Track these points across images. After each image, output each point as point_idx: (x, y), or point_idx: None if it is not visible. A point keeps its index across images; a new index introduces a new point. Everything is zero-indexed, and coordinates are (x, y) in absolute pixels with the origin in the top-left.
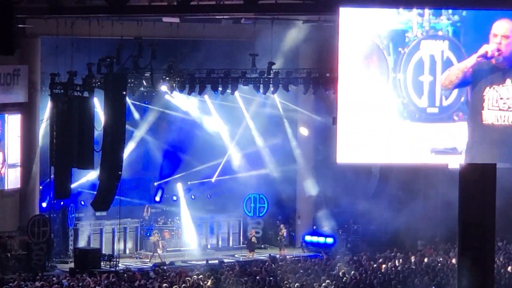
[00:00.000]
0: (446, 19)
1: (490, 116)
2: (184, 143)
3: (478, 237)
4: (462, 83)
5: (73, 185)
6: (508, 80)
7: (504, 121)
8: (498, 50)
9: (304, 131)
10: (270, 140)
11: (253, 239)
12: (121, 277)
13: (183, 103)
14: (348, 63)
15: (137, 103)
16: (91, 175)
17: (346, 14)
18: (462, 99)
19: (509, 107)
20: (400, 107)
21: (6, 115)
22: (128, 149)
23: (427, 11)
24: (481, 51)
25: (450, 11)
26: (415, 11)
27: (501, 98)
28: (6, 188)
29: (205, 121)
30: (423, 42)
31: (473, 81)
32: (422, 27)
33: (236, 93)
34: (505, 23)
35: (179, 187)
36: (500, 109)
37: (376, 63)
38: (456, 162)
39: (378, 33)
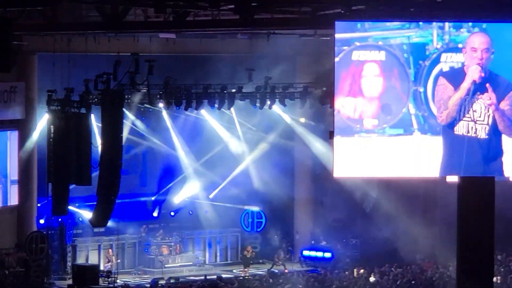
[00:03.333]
0: (466, 32)
1: (461, 127)
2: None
3: (477, 250)
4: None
5: (70, 202)
6: (478, 93)
7: (474, 132)
8: (480, 67)
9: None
10: (268, 155)
11: (248, 255)
12: None
13: (181, 119)
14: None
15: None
16: (89, 192)
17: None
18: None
19: (477, 120)
20: (420, 120)
21: (8, 132)
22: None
23: (447, 24)
24: (469, 80)
25: (470, 23)
26: (435, 24)
27: (474, 111)
28: (8, 204)
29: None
30: (444, 55)
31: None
32: (443, 40)
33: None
34: (481, 37)
35: (177, 201)
36: (471, 120)
37: (396, 76)
38: None
39: (399, 46)
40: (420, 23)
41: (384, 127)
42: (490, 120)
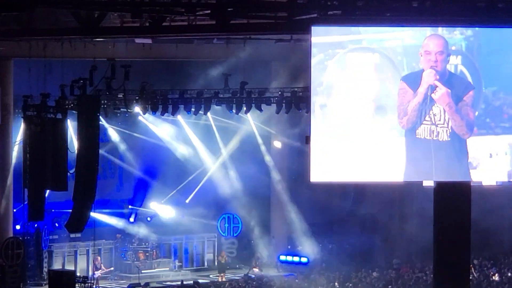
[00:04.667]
0: (459, 34)
1: (423, 131)
2: (157, 163)
3: (454, 254)
4: (418, 115)
5: (47, 207)
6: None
7: (435, 136)
8: (435, 71)
9: (278, 144)
10: (244, 160)
11: (223, 261)
12: None
13: (156, 126)
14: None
15: (112, 126)
16: (65, 197)
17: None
18: (476, 113)
19: (437, 123)
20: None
21: None
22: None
23: (440, 28)
24: (425, 85)
25: (461, 28)
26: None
27: (434, 115)
28: None
29: (176, 144)
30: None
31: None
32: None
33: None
34: (436, 39)
35: (154, 206)
36: (432, 123)
37: (390, 78)
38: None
39: (393, 49)
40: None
41: (380, 129)
42: (450, 122)
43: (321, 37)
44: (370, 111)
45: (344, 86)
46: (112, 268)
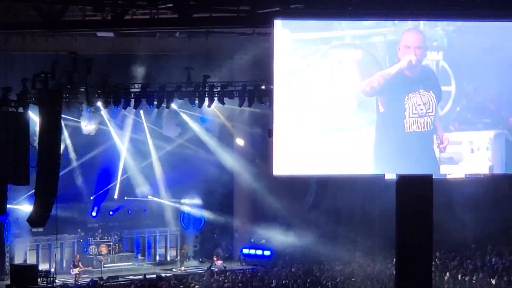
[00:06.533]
0: (441, 30)
1: (411, 124)
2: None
3: (416, 247)
4: (382, 91)
5: (8, 201)
6: (421, 89)
7: (424, 127)
8: (416, 60)
9: (240, 141)
10: (207, 154)
11: (184, 253)
12: None
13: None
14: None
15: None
16: (27, 191)
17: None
18: (458, 109)
19: (426, 112)
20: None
21: None
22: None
23: (422, 22)
24: (404, 61)
25: (445, 22)
26: (410, 22)
27: (418, 105)
28: None
29: (134, 137)
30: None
31: (392, 90)
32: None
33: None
34: (415, 33)
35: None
36: (419, 116)
37: (373, 74)
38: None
39: (375, 44)
40: (396, 21)
41: (361, 124)
42: (431, 116)
43: (304, 33)
44: (352, 106)
45: (327, 81)
46: (90, 268)
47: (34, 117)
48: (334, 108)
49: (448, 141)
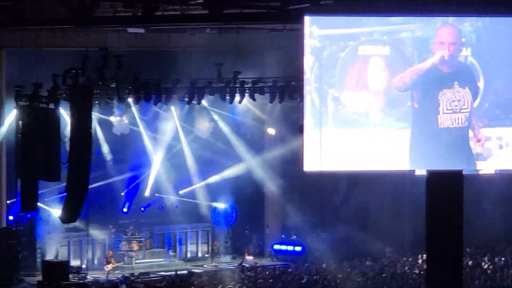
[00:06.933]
0: (469, 26)
1: (445, 120)
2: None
3: (446, 243)
4: (414, 86)
5: (40, 197)
6: (455, 84)
7: (458, 123)
8: (450, 56)
9: (271, 131)
10: (239, 149)
11: (216, 250)
12: None
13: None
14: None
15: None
16: (59, 188)
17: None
18: (486, 105)
19: (461, 109)
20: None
21: None
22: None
23: (450, 18)
24: (437, 56)
25: (473, 18)
26: (438, 18)
27: (453, 101)
28: None
29: (169, 133)
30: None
31: (426, 85)
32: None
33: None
34: (450, 29)
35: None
36: (453, 112)
37: (401, 70)
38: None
39: (404, 41)
40: (424, 17)
41: (390, 121)
42: (465, 113)
43: (333, 29)
44: (382, 101)
45: (356, 77)
46: (122, 263)
47: (64, 113)
48: (364, 104)
49: (485, 138)
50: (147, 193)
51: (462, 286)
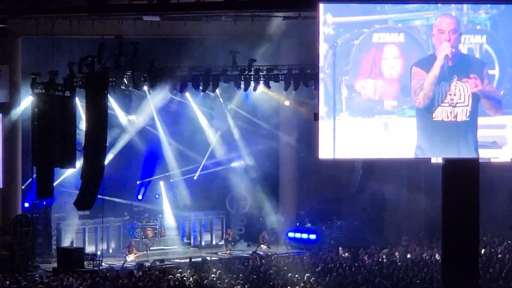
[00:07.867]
0: (484, 13)
1: (440, 113)
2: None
3: (462, 232)
4: (436, 94)
5: (55, 184)
6: (455, 76)
7: (453, 117)
8: (451, 47)
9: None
10: (252, 137)
11: (229, 238)
12: (105, 276)
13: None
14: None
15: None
16: (74, 174)
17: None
18: (502, 92)
19: (457, 103)
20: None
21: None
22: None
23: (465, 6)
24: (441, 56)
25: (488, 5)
26: (453, 6)
27: (449, 94)
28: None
29: (187, 119)
30: (462, 37)
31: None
32: (461, 22)
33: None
34: (448, 18)
35: (162, 185)
36: (449, 105)
37: (415, 58)
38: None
39: (418, 28)
40: (439, 5)
41: (404, 108)
42: (471, 101)
43: (347, 17)
44: (396, 89)
45: (370, 64)
46: (144, 252)
47: (80, 101)
48: (378, 91)
49: (498, 126)
50: (162, 180)
51: (478, 274)
